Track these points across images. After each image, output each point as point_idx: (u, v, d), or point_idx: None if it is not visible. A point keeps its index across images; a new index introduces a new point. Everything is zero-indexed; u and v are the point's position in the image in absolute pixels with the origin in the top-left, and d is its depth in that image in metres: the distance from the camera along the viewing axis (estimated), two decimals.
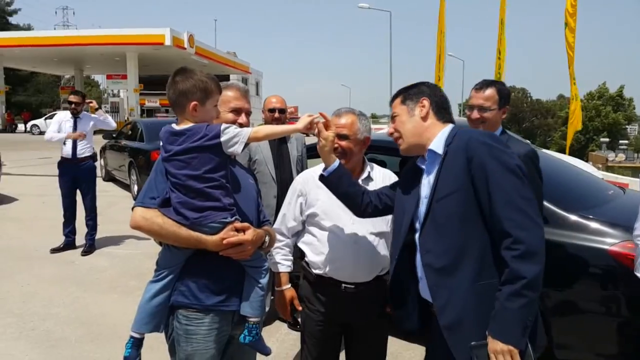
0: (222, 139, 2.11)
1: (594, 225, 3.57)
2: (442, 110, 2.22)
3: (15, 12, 59.12)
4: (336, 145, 2.59)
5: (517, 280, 1.83)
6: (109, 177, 13.54)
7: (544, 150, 7.85)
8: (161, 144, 2.20)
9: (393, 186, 2.50)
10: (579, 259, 3.52)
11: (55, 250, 7.03)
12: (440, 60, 13.48)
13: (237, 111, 2.44)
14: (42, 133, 34.21)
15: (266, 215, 2.54)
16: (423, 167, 2.21)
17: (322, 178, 2.46)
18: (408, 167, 2.40)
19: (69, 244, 7.14)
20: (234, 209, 2.18)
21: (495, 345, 1.87)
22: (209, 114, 2.20)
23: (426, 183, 2.17)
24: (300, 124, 2.28)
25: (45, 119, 36.15)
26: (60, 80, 59.17)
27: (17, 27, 54.12)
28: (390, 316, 2.72)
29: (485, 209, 1.95)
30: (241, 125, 2.36)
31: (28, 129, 37.32)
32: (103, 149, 13.66)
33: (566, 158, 9.20)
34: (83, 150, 6.95)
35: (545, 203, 3.72)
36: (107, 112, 7.41)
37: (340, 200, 2.51)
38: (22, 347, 4.28)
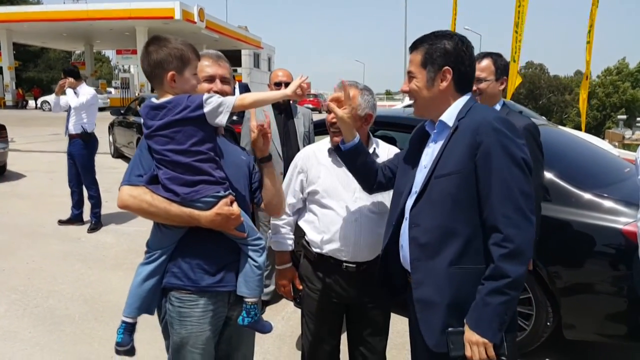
0: (206, 109, 1.99)
1: (608, 203, 3.49)
2: (463, 82, 2.06)
3: None
4: (334, 120, 2.45)
5: (501, 278, 1.82)
6: (118, 154, 13.44)
7: (560, 127, 7.69)
8: (142, 120, 2.09)
9: (395, 157, 2.44)
10: (592, 238, 3.47)
11: (62, 222, 7.11)
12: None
13: (210, 79, 2.30)
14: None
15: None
16: (431, 132, 2.12)
17: (338, 150, 2.36)
18: (416, 131, 2.29)
19: (75, 217, 7.18)
20: (227, 183, 2.08)
21: (471, 335, 1.88)
22: (189, 83, 2.07)
23: (429, 152, 2.10)
24: (289, 89, 2.11)
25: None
26: (70, 56, 59.14)
27: (25, 2, 53.88)
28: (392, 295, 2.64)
29: (483, 197, 1.90)
30: (219, 94, 2.20)
31: (39, 105, 37.32)
32: (111, 125, 13.58)
33: (582, 135, 9.03)
34: (72, 127, 6.93)
35: (559, 181, 3.64)
36: (116, 88, 7.37)
37: (353, 175, 2.43)
38: (25, 324, 4.27)
